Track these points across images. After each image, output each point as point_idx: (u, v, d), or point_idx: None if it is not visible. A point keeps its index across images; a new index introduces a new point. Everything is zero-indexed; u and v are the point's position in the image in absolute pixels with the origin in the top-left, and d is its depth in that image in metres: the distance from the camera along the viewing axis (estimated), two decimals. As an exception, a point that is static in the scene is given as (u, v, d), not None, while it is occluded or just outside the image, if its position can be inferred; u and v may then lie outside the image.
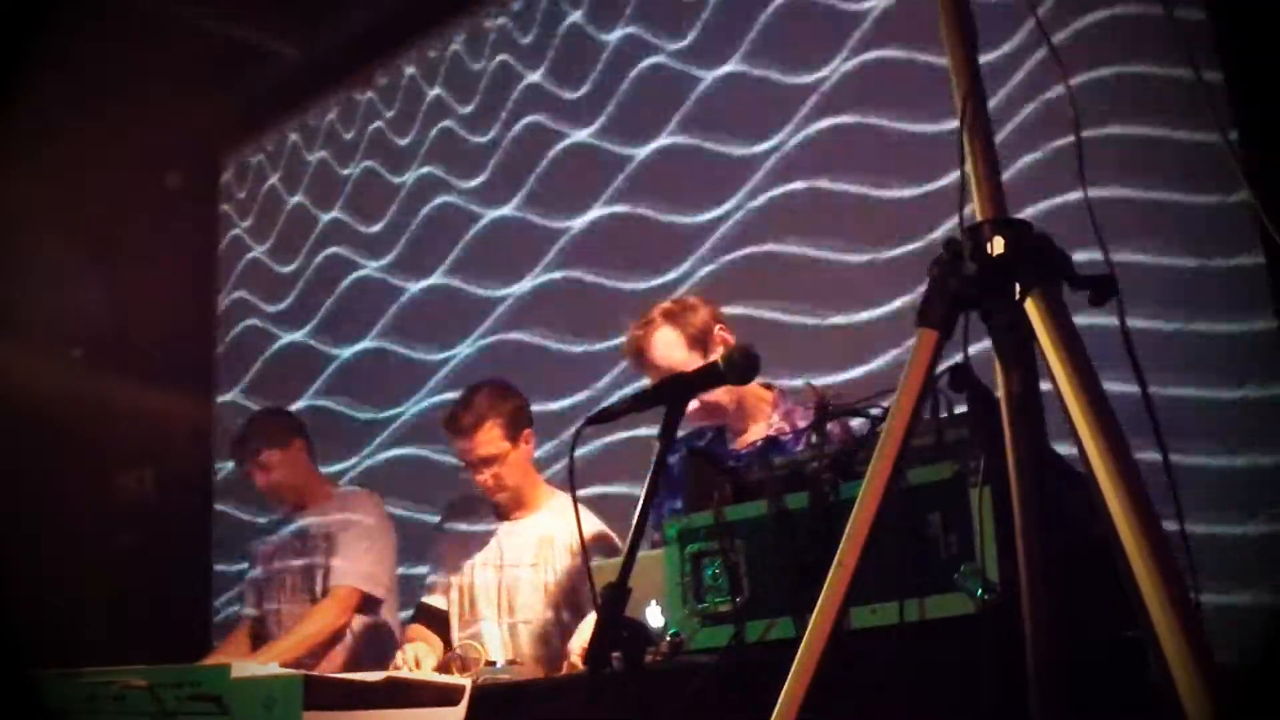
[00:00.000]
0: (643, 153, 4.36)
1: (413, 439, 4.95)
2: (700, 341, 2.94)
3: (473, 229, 4.88)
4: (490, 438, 3.33)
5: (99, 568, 5.32)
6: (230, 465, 4.10)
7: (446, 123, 5.07)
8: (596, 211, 4.46)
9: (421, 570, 3.72)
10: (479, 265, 4.84)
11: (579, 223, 4.51)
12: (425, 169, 5.12)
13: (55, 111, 4.84)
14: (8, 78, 4.51)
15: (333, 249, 5.47)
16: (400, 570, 3.99)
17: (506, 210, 4.77)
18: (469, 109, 5.01)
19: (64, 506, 5.35)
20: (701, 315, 3.00)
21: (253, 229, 5.95)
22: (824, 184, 3.83)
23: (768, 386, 3.00)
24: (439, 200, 5.04)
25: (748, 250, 3.99)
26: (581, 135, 4.56)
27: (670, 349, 2.94)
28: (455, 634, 3.39)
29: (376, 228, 5.29)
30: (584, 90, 4.58)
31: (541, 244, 4.60)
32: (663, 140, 4.30)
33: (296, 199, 5.72)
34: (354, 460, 5.08)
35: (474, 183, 4.92)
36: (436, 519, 3.77)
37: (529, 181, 4.70)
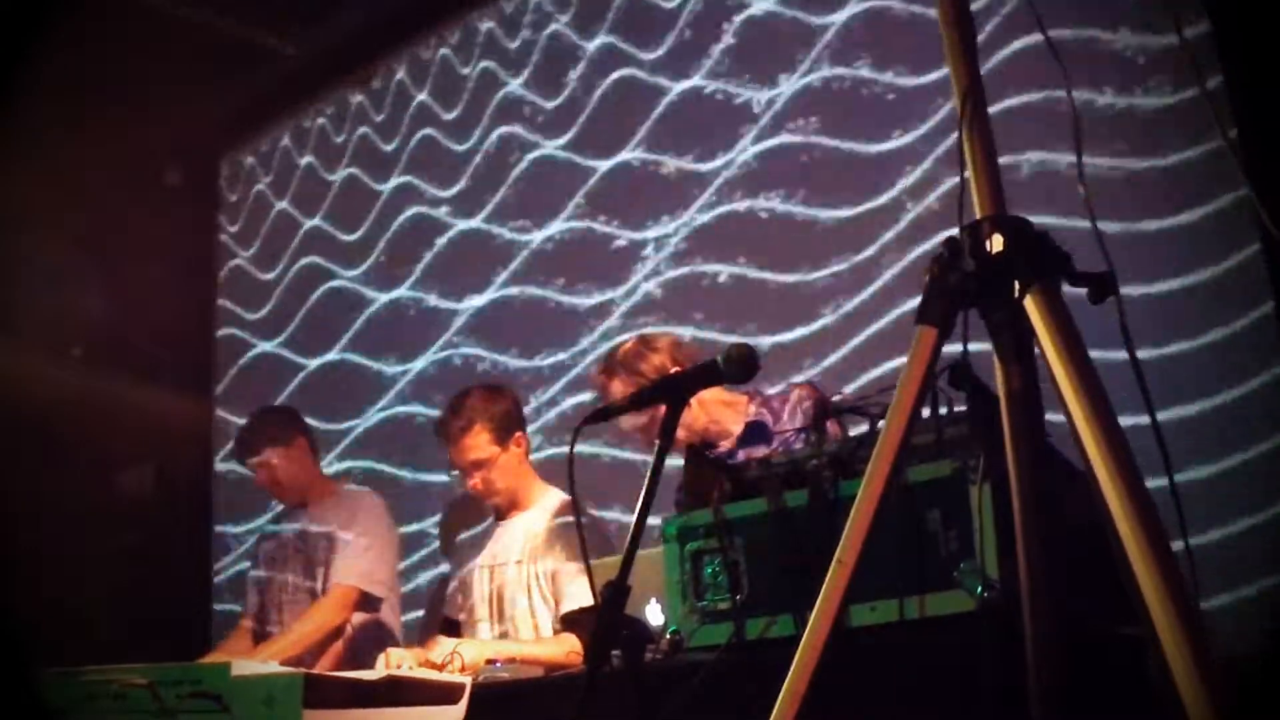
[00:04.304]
0: (606, 166, 4.41)
1: (367, 452, 5.05)
2: None
3: (441, 240, 4.93)
4: (477, 443, 3.33)
5: (99, 567, 5.31)
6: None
7: (429, 130, 5.10)
8: (557, 225, 4.51)
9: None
10: (443, 277, 4.90)
11: (539, 236, 4.55)
12: (405, 177, 5.15)
13: (54, 110, 4.83)
14: (7, 77, 4.50)
15: (311, 258, 5.50)
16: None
17: (474, 222, 4.81)
18: (453, 115, 5.02)
19: (64, 506, 5.34)
20: (656, 361, 3.02)
21: (239, 235, 5.97)
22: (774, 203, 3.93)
23: (748, 395, 3.05)
24: (414, 209, 5.07)
25: (692, 267, 4.10)
26: (551, 148, 4.60)
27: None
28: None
29: (354, 236, 5.32)
30: (560, 100, 4.61)
31: (502, 256, 4.66)
32: (626, 154, 4.34)
33: (282, 205, 5.74)
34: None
35: (449, 192, 4.94)
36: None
37: (498, 193, 4.75)
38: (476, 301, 4.75)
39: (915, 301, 1.31)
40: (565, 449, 1.84)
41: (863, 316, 3.66)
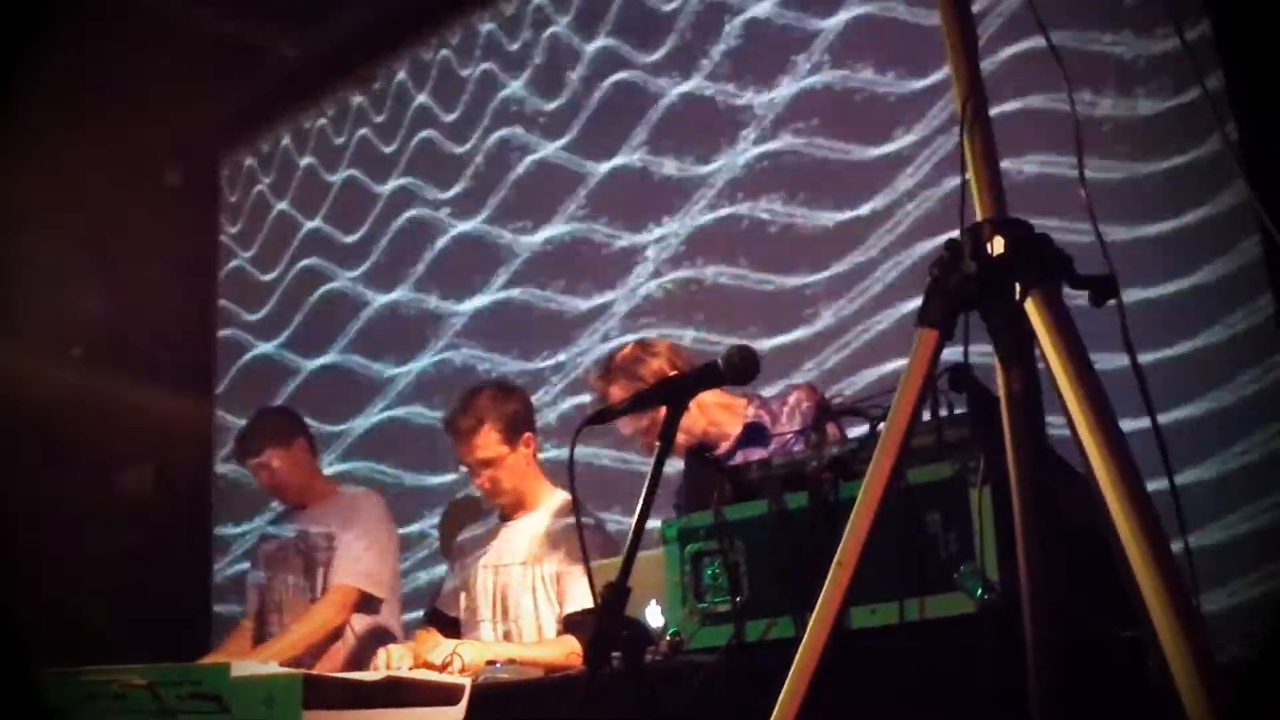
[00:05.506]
0: (606, 168, 4.41)
1: (367, 453, 5.06)
2: None
3: (441, 241, 4.94)
4: (487, 441, 3.32)
5: (99, 567, 5.31)
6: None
7: (429, 131, 5.10)
8: (557, 227, 4.51)
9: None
10: (443, 278, 4.91)
11: (539, 237, 4.56)
12: (405, 178, 5.16)
13: (54, 110, 4.83)
14: (7, 77, 4.50)
15: (311, 258, 5.51)
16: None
17: (474, 223, 4.82)
18: (453, 116, 5.03)
19: (64, 506, 5.35)
20: (654, 365, 3.00)
21: (239, 235, 5.98)
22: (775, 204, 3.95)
23: (746, 397, 3.04)
24: (414, 211, 5.08)
25: (695, 269, 4.11)
26: (551, 149, 4.61)
27: None
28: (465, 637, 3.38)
29: (353, 238, 5.33)
30: (560, 101, 4.62)
31: (502, 257, 4.67)
32: (626, 156, 4.35)
33: (282, 206, 5.74)
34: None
35: (448, 194, 4.95)
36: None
37: (497, 195, 4.76)
38: (476, 303, 4.76)
39: (916, 304, 1.31)
40: (565, 451, 1.84)
41: (863, 319, 3.67)
